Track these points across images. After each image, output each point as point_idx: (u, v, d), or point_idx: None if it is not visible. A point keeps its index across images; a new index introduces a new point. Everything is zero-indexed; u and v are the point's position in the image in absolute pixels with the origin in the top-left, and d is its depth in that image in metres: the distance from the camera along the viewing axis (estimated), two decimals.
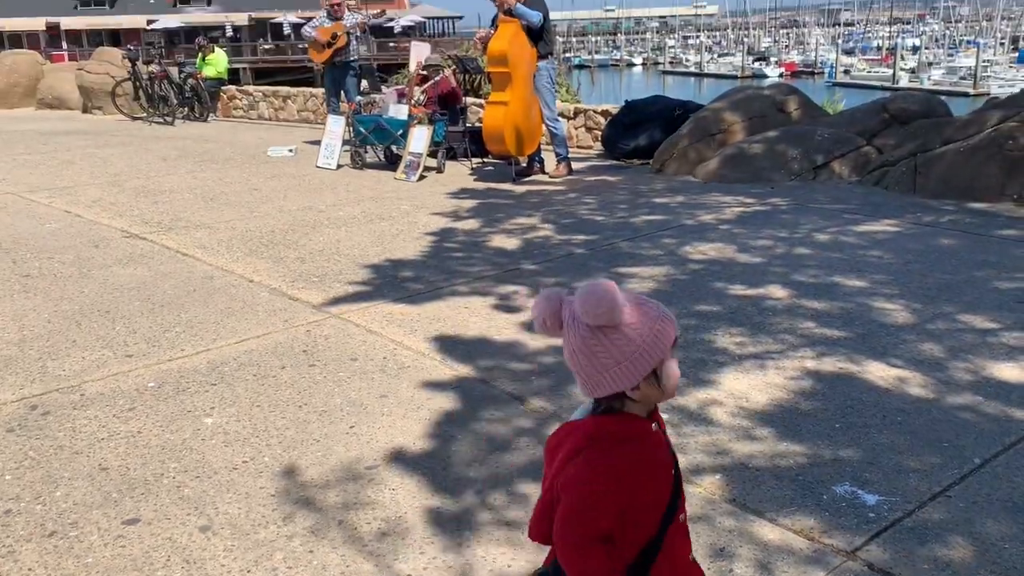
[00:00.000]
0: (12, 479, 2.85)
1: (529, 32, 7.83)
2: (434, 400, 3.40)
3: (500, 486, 2.77)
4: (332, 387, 3.54)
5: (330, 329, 4.21)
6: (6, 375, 3.69)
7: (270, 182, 8.30)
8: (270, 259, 5.45)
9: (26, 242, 5.95)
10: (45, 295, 4.76)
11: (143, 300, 4.66)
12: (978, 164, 6.70)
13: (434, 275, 5.08)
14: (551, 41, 8.30)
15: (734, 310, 4.31)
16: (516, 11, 7.69)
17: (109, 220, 6.61)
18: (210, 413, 3.31)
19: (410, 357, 3.84)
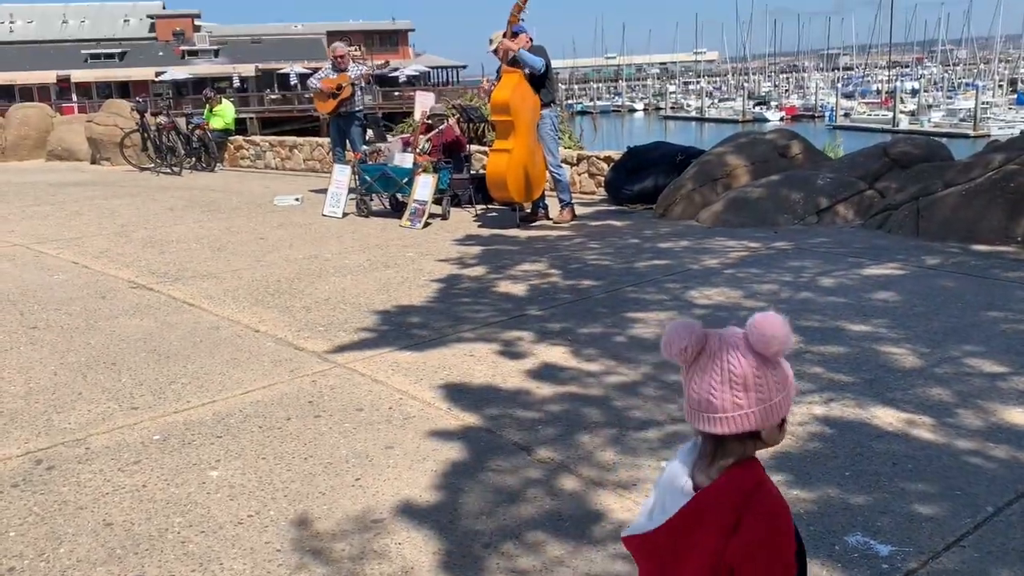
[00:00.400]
0: (16, 536, 2.83)
1: (532, 80, 7.95)
2: (440, 451, 3.38)
3: (508, 537, 2.74)
4: (338, 438, 3.52)
5: (336, 379, 4.20)
6: (12, 429, 3.68)
7: (277, 231, 8.36)
8: (276, 308, 5.47)
9: (34, 294, 5.98)
10: (52, 347, 4.77)
11: (149, 351, 4.66)
12: (981, 207, 6.73)
13: (440, 322, 5.08)
14: (553, 89, 8.42)
15: None
16: (519, 56, 7.80)
17: (116, 271, 6.65)
18: (215, 466, 3.30)
19: (416, 407, 3.83)
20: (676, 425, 3.50)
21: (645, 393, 3.85)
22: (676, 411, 3.65)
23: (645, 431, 3.46)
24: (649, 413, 3.63)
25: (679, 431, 3.44)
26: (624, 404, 3.74)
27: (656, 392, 3.86)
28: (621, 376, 4.08)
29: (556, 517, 2.85)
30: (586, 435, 3.44)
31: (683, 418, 3.49)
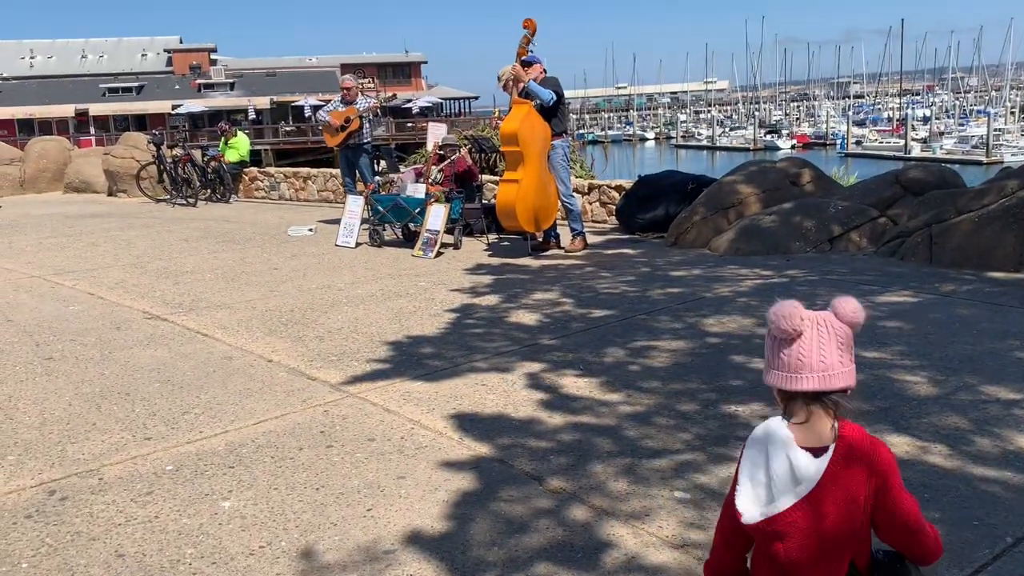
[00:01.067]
0: (28, 567, 2.83)
1: (543, 111, 8.02)
2: (451, 481, 3.37)
3: (519, 568, 2.72)
4: (349, 469, 3.52)
5: (348, 409, 4.20)
6: (25, 459, 3.70)
7: (290, 261, 8.42)
8: (289, 338, 5.49)
9: (49, 325, 6.03)
10: (67, 378, 4.81)
11: (163, 382, 4.69)
12: (994, 233, 6.70)
13: (452, 351, 5.09)
14: (565, 119, 8.48)
15: (755, 384, 4.27)
16: (528, 88, 7.89)
17: (131, 302, 6.70)
18: (228, 496, 3.30)
19: (427, 437, 3.82)
20: (689, 454, 3.48)
21: (658, 422, 3.84)
22: (689, 439, 3.63)
23: (657, 460, 3.44)
24: (662, 442, 3.61)
25: (691, 460, 3.42)
26: (637, 433, 3.72)
27: (669, 421, 3.84)
28: (634, 405, 4.06)
29: (567, 547, 2.83)
30: (598, 464, 3.43)
31: (697, 446, 3.47)
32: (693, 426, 3.78)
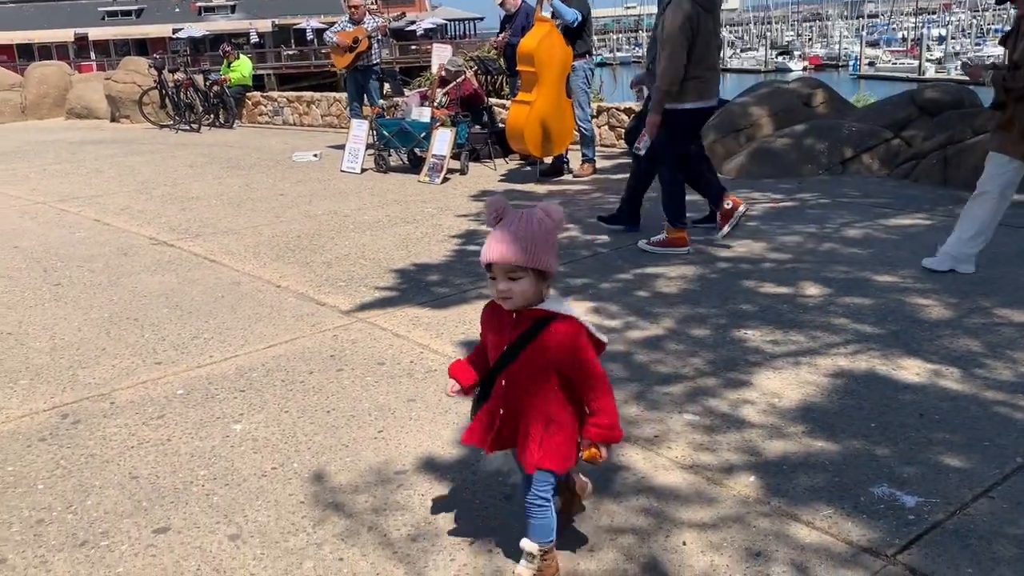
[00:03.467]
0: (44, 488, 2.86)
1: (566, 31, 7.71)
2: (462, 404, 3.35)
3: None
4: (360, 392, 3.53)
5: (357, 333, 4.20)
6: (37, 384, 3.72)
7: (296, 187, 8.34)
8: (297, 264, 5.47)
9: (57, 251, 6.02)
10: (75, 304, 4.80)
11: (171, 307, 4.68)
12: None
13: (459, 278, 5.06)
14: (589, 40, 8.16)
15: (765, 308, 4.25)
16: (554, 6, 7.54)
17: (137, 228, 6.67)
18: (239, 420, 3.31)
19: (437, 361, 3.82)
20: (700, 378, 3.47)
21: (668, 347, 3.82)
22: (700, 364, 3.62)
23: (669, 385, 3.43)
24: (672, 367, 3.60)
25: (702, 384, 3.42)
26: (647, 359, 3.71)
27: (679, 346, 3.83)
28: (643, 331, 4.04)
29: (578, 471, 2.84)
30: None
31: (709, 372, 3.46)
32: (703, 351, 3.76)
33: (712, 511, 2.56)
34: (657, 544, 2.42)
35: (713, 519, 2.52)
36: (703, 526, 2.49)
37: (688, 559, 2.35)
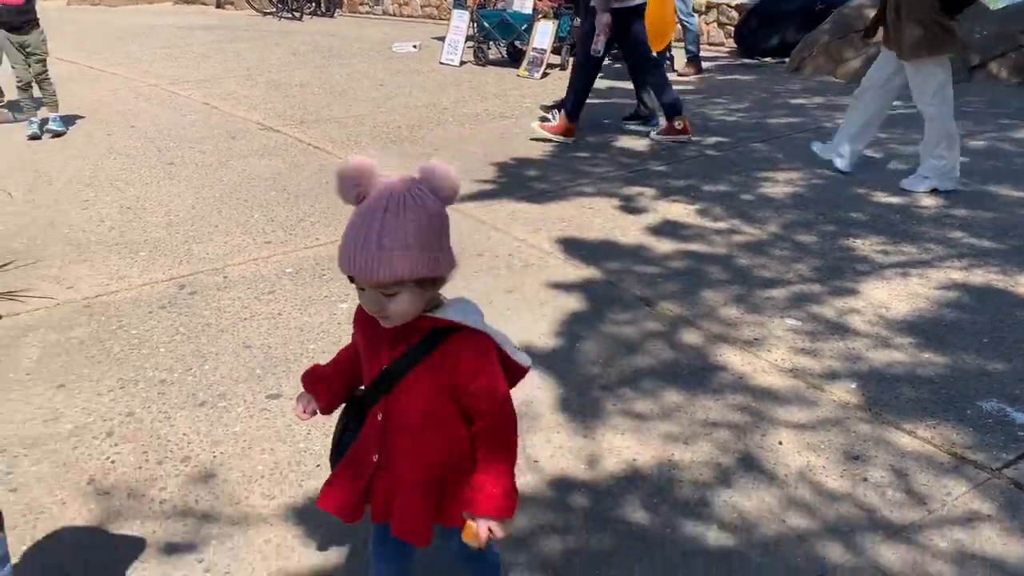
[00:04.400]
0: (165, 351, 3.05)
1: None
2: (559, 299, 3.41)
3: (627, 383, 2.77)
4: (459, 281, 3.53)
5: (456, 225, 4.22)
6: (156, 256, 3.91)
7: (395, 78, 8.33)
8: (397, 154, 5.51)
9: (169, 132, 6.22)
10: (188, 182, 4.99)
11: (279, 190, 4.81)
12: None
13: (558, 175, 5.02)
14: None
15: (876, 217, 4.09)
16: None
17: (244, 113, 6.81)
18: (344, 299, 3.43)
19: (535, 255, 3.84)
20: (803, 284, 3.40)
21: (772, 252, 3.74)
22: (804, 270, 3.54)
23: (771, 289, 3.38)
24: (775, 272, 3.54)
25: (806, 290, 3.35)
26: (749, 263, 3.64)
27: (783, 251, 3.75)
28: (747, 235, 3.96)
29: (675, 367, 2.86)
30: (709, 291, 3.39)
31: (814, 279, 3.39)
32: (809, 257, 3.67)
33: (810, 414, 2.55)
34: (753, 441, 2.44)
35: (811, 421, 2.51)
36: (800, 427, 2.48)
37: (784, 457, 2.35)
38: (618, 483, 2.30)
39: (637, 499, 2.23)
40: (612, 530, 2.13)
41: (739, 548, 2.05)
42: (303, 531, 2.14)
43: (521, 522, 2.15)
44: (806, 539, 2.07)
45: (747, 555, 2.03)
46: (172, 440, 2.51)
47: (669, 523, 2.15)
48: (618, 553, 2.05)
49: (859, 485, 2.24)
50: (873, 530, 2.09)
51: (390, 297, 1.35)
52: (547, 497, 2.25)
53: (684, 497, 2.24)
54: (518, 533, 2.11)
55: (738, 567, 2.00)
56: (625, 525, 2.14)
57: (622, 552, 2.05)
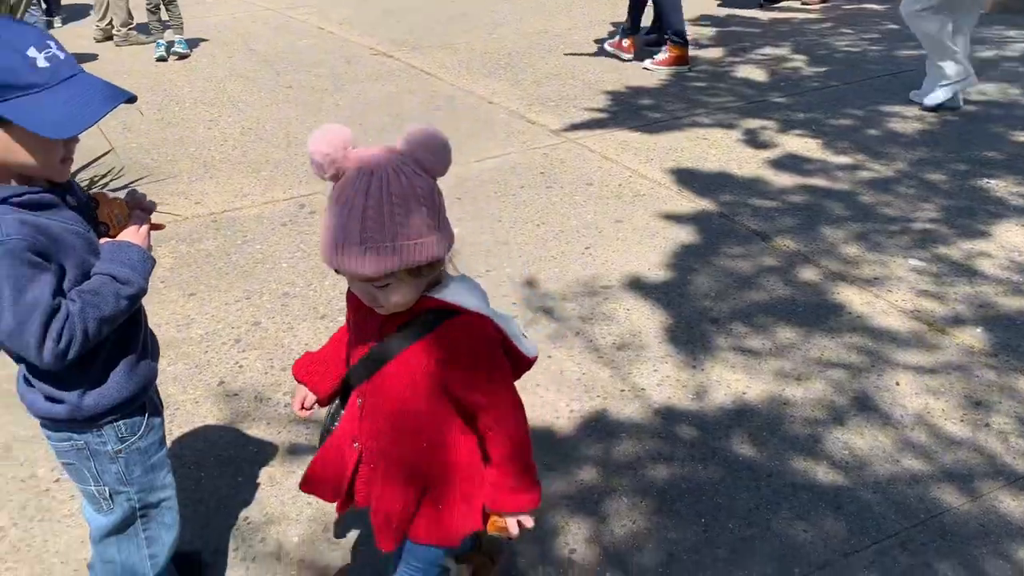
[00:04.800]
0: (287, 267, 3.18)
1: None
2: (670, 230, 3.37)
3: (739, 318, 2.73)
4: (568, 209, 3.59)
5: (566, 153, 4.22)
6: (277, 176, 4.05)
7: (505, 4, 8.21)
8: (508, 81, 5.48)
9: (286, 56, 6.35)
10: (305, 105, 5.10)
11: (392, 115, 4.87)
12: None
13: (672, 104, 4.90)
14: None
15: (1013, 157, 3.85)
16: None
17: (358, 38, 6.88)
18: (456, 224, 3.43)
19: (646, 185, 3.79)
20: (930, 224, 3.26)
21: (898, 190, 3.58)
22: (932, 209, 3.38)
23: (894, 227, 3.25)
24: (900, 210, 3.39)
25: (932, 230, 3.20)
26: (873, 200, 3.50)
27: (910, 190, 3.58)
28: (871, 171, 3.80)
29: (790, 303, 2.80)
30: (828, 228, 3.29)
31: (942, 220, 3.24)
32: (937, 196, 3.50)
33: (931, 357, 2.46)
34: (868, 381, 2.38)
35: (932, 365, 2.43)
36: (920, 370, 2.41)
37: (901, 399, 2.30)
38: (726, 416, 2.29)
39: (745, 432, 2.23)
40: (718, 460, 2.13)
41: (849, 485, 2.03)
42: None
43: (626, 447, 2.18)
44: (920, 481, 2.03)
45: (857, 492, 2.01)
46: (295, 349, 2.64)
47: (777, 457, 2.14)
48: (724, 482, 2.06)
49: (980, 431, 2.17)
50: (993, 477, 2.03)
51: (382, 288, 1.22)
52: (652, 425, 2.27)
53: (794, 433, 2.22)
54: (623, 458, 2.15)
55: (847, 502, 1.98)
56: (731, 456, 2.14)
57: (728, 481, 2.06)
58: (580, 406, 2.34)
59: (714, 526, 1.93)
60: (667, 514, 1.97)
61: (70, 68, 1.24)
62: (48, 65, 1.21)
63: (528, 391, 2.40)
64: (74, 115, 1.21)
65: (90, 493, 1.48)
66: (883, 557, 1.83)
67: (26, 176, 1.28)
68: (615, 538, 1.91)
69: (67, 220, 1.31)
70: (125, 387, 1.40)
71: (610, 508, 1.99)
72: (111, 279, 1.31)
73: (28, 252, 1.22)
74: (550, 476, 2.08)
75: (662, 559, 1.85)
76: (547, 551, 1.87)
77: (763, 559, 1.84)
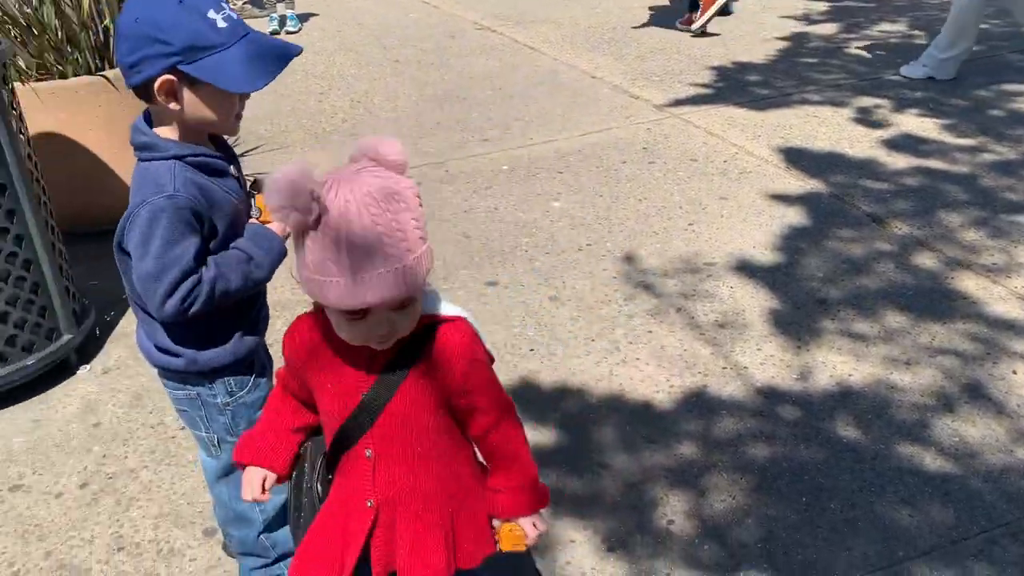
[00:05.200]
0: None
1: None
2: (777, 209, 3.31)
3: (847, 300, 2.68)
4: (671, 185, 3.56)
5: (670, 128, 4.18)
6: None
7: None
8: (611, 56, 5.45)
9: (392, 30, 6.46)
10: (412, 79, 5.20)
11: (495, 89, 4.92)
12: None
13: (781, 80, 4.78)
14: None
15: None
16: None
17: (463, 12, 6.94)
18: (557, 198, 3.51)
19: (752, 163, 3.73)
20: None
21: (1023, 174, 3.42)
22: None
23: (1019, 214, 3.10)
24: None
25: None
26: (996, 184, 3.35)
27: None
28: (994, 154, 3.63)
29: (901, 288, 2.72)
30: (946, 212, 3.17)
31: None
32: None
33: None
34: (983, 369, 2.30)
35: None
36: None
37: (1017, 388, 2.22)
38: (830, 398, 2.26)
39: (850, 415, 2.19)
40: (820, 441, 2.11)
41: (958, 472, 1.98)
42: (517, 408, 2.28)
43: (726, 424, 2.18)
44: None
45: (967, 480, 1.96)
46: None
47: (883, 441, 2.10)
48: (826, 463, 2.04)
49: None
50: None
51: (403, 310, 1.09)
52: (753, 404, 2.26)
53: (901, 418, 2.17)
54: (723, 434, 2.15)
55: (956, 489, 1.94)
56: (835, 438, 2.12)
57: (830, 463, 2.04)
58: (680, 381, 2.35)
59: (815, 506, 1.92)
60: (767, 492, 1.96)
61: (243, 27, 1.32)
62: (226, 25, 1.28)
63: (628, 364, 2.43)
64: (255, 71, 1.29)
65: (201, 439, 1.57)
66: (992, 546, 1.79)
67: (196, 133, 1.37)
68: (714, 512, 1.92)
69: (229, 189, 1.39)
70: (236, 350, 1.48)
71: (709, 483, 2.00)
72: (247, 259, 1.39)
73: (188, 211, 1.31)
74: (649, 449, 2.10)
75: (761, 535, 1.85)
76: (645, 521, 1.90)
77: (866, 540, 1.82)
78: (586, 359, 2.47)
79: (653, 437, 2.14)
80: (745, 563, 1.78)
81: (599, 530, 1.88)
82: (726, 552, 1.81)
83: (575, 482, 2.01)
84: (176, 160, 1.33)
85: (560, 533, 1.87)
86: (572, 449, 2.12)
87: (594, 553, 1.82)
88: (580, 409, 2.26)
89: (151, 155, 1.34)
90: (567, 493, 1.98)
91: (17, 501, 2.05)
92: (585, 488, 1.99)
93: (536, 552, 1.82)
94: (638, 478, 2.01)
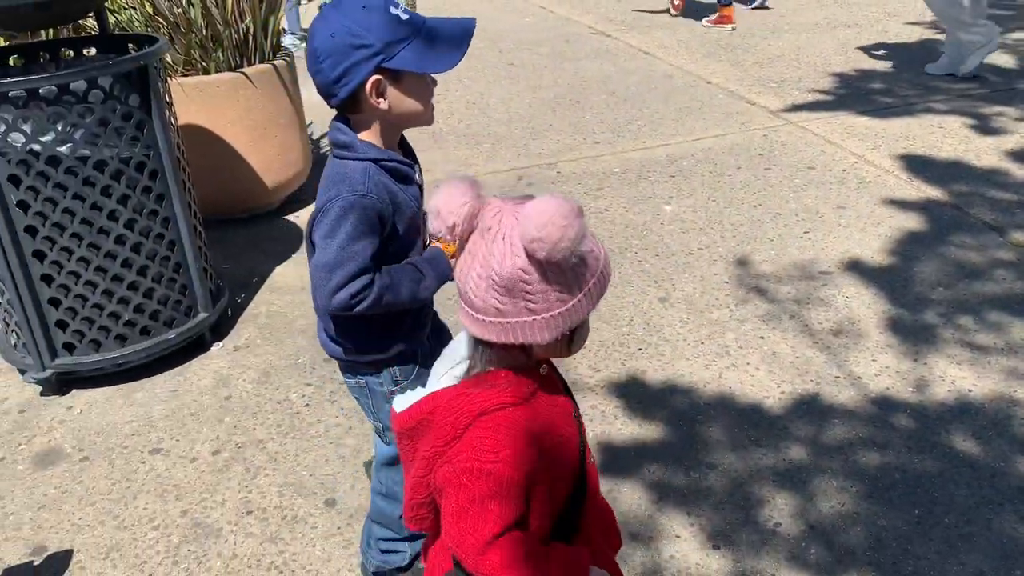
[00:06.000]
0: None
1: None
2: (896, 218, 3.23)
3: (968, 311, 2.60)
4: (787, 192, 3.52)
5: (787, 135, 4.13)
6: (498, 149, 4.25)
7: None
8: (728, 62, 5.40)
9: (507, 34, 6.58)
10: (526, 82, 5.29)
11: (608, 93, 4.96)
12: None
13: (905, 89, 4.65)
14: None
15: None
16: None
17: (578, 17, 7.01)
18: (669, 201, 3.52)
19: (872, 172, 3.65)
20: None
21: None
22: None
23: None
24: None
25: None
26: None
27: None
28: None
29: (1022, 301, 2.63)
30: None
31: None
32: None
33: None
34: None
35: None
36: None
37: None
38: (948, 411, 2.21)
39: (968, 429, 2.14)
40: (936, 454, 2.06)
41: None
42: (623, 403, 2.32)
43: (838, 431, 2.16)
44: None
45: None
46: None
47: (1003, 457, 2.04)
48: (941, 476, 1.99)
49: None
50: None
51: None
52: (866, 413, 2.22)
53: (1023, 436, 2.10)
54: (833, 441, 2.13)
55: None
56: (951, 452, 2.07)
57: (946, 476, 1.99)
58: (792, 388, 2.33)
59: (928, 519, 1.88)
60: (878, 500, 1.94)
61: (419, 16, 1.36)
62: (407, 17, 1.33)
63: (738, 368, 2.43)
64: (448, 50, 1.34)
65: (376, 427, 1.65)
66: None
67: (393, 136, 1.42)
68: (821, 516, 1.91)
69: (411, 196, 1.44)
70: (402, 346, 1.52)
71: (818, 488, 1.99)
72: (420, 278, 1.43)
73: (375, 212, 1.35)
74: (758, 451, 2.10)
75: (870, 543, 1.83)
76: (751, 520, 1.91)
77: (981, 556, 1.78)
78: (695, 361, 2.48)
79: (761, 440, 2.14)
80: (852, 569, 1.77)
81: (704, 527, 1.90)
82: (833, 557, 1.80)
83: (681, 478, 2.04)
84: (371, 163, 1.37)
85: (665, 527, 1.90)
86: (678, 446, 2.14)
87: (699, 549, 1.84)
88: (687, 408, 2.28)
89: (349, 154, 1.38)
90: (673, 489, 2.01)
91: (157, 463, 2.22)
92: (691, 485, 2.01)
93: (640, 544, 1.86)
94: (745, 478, 2.02)
